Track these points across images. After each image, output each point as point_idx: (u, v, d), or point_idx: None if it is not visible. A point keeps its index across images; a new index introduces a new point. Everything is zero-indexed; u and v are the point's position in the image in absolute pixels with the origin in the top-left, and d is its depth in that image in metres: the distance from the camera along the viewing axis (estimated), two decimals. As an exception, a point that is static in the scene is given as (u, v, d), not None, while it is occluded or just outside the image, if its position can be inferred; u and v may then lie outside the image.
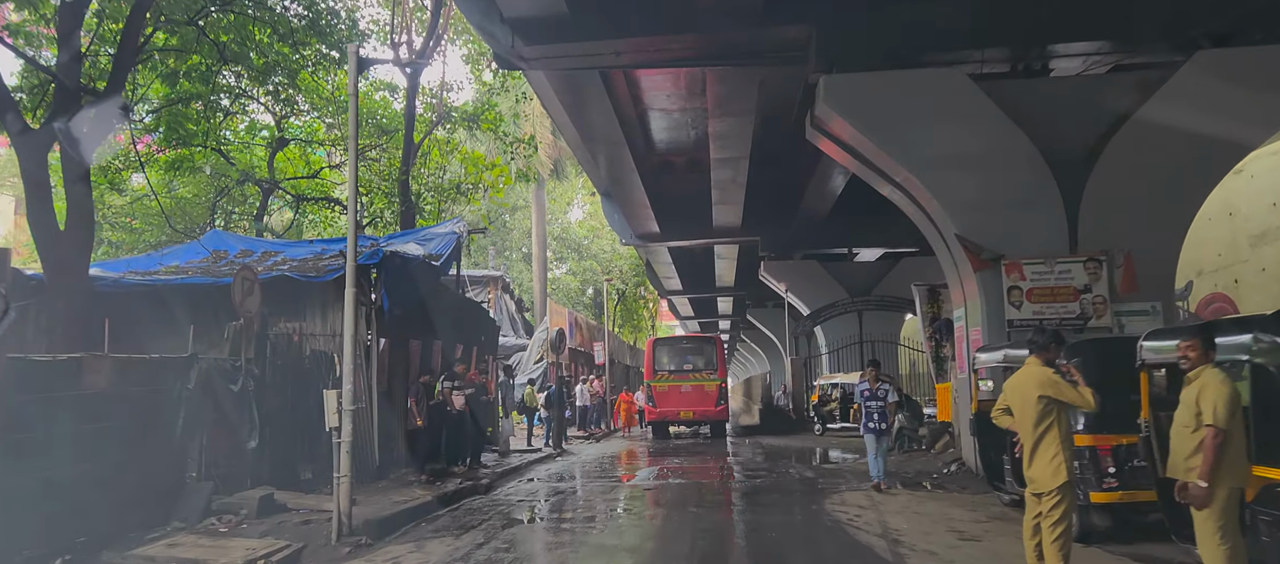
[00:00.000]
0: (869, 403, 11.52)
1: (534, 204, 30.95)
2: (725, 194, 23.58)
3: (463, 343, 16.45)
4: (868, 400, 11.55)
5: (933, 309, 19.22)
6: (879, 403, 11.48)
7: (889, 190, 13.79)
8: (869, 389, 11.67)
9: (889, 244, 27.84)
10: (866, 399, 11.58)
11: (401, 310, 13.08)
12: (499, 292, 29.06)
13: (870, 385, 11.68)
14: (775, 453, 19.10)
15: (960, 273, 12.91)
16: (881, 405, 11.48)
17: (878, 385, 11.64)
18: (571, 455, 18.86)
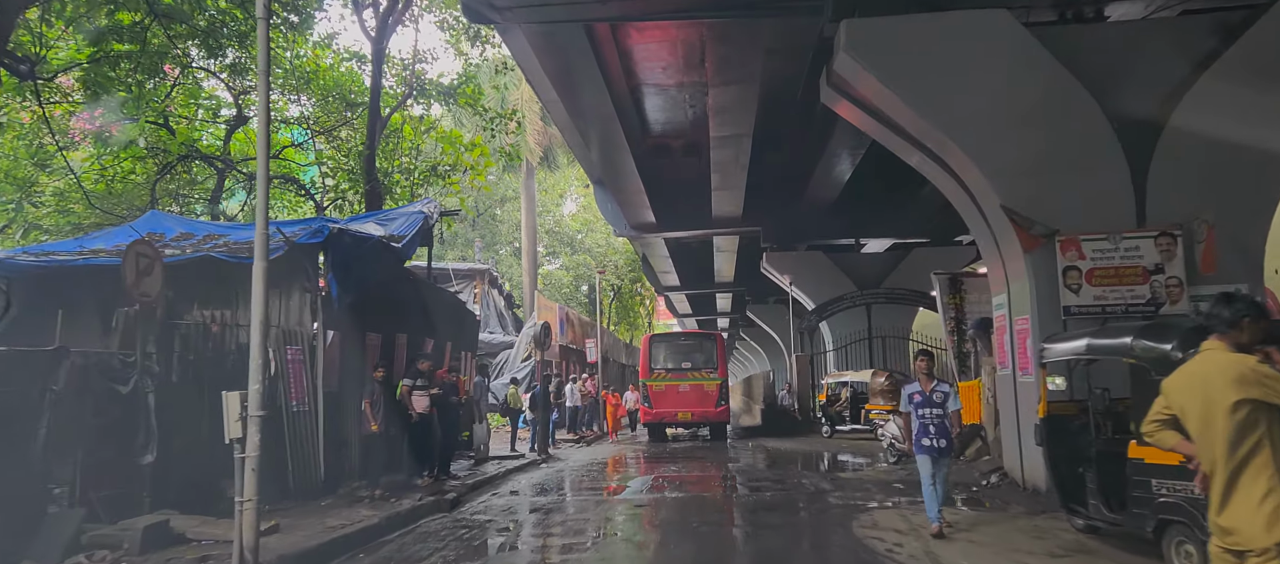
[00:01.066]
0: (923, 411, 7.92)
1: (523, 194, 28.99)
2: (726, 178, 21.59)
3: (434, 337, 14.46)
4: (920, 406, 7.96)
5: (954, 300, 17.24)
6: (937, 411, 7.86)
7: (918, 160, 11.81)
8: (922, 392, 8.01)
9: (899, 235, 25.90)
10: (918, 404, 7.97)
11: (354, 298, 11.11)
12: (486, 286, 27.08)
13: (922, 385, 8.05)
14: (782, 459, 17.12)
15: (1003, 253, 10.93)
16: (941, 414, 7.86)
17: (934, 385, 8.01)
18: (557, 462, 16.86)
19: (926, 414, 7.88)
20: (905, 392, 8.20)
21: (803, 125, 22.39)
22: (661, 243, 29.68)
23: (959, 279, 17.32)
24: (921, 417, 7.91)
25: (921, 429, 7.92)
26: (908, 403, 8.08)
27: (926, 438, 7.88)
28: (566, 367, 27.40)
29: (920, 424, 7.92)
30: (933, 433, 7.85)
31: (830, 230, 26.24)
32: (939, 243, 25.69)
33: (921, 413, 7.92)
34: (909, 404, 8.07)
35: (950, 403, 7.86)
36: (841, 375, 21.65)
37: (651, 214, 24.86)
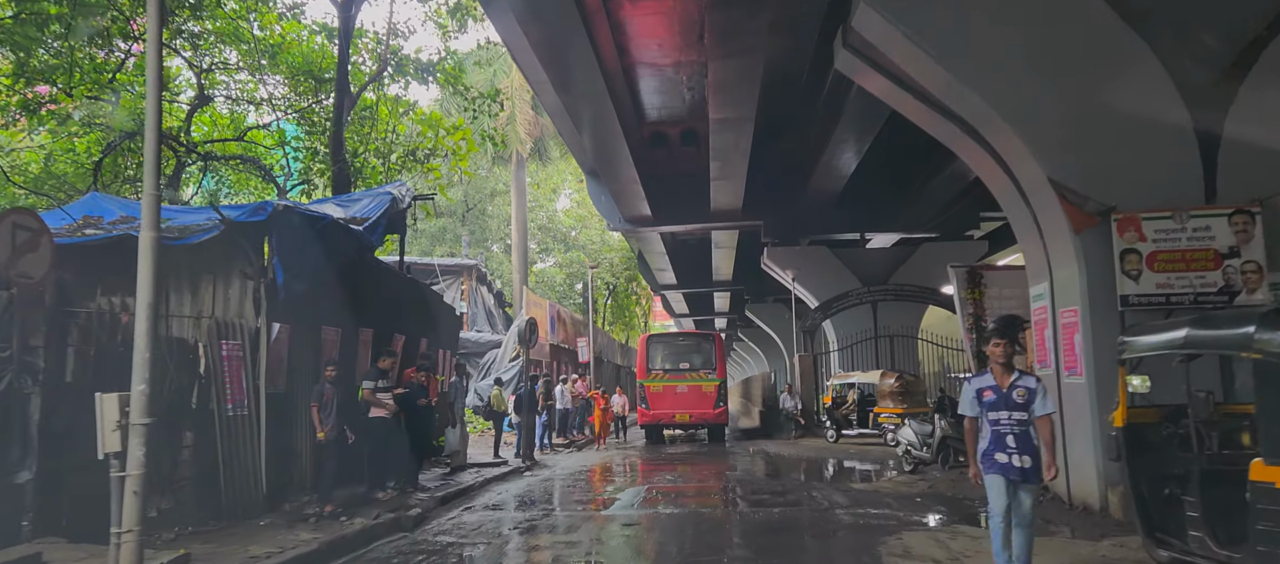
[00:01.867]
0: (998, 414, 5.46)
1: (513, 186, 27.53)
2: (726, 167, 20.11)
3: (407, 333, 12.97)
4: (993, 408, 5.49)
5: (973, 295, 15.76)
6: (1018, 416, 5.39)
7: (947, 132, 10.35)
8: (995, 388, 5.52)
9: (906, 229, 24.48)
10: (991, 405, 5.52)
11: (307, 286, 9.61)
12: (474, 282, 25.57)
13: (997, 379, 5.54)
14: (787, 467, 15.64)
15: (1046, 235, 9.45)
16: (1025, 420, 5.40)
17: (1014, 380, 5.49)
18: (542, 470, 15.36)
19: (1003, 419, 5.38)
20: (971, 387, 5.66)
21: (806, 113, 20.98)
22: (657, 238, 28.20)
23: (978, 272, 15.85)
24: (995, 422, 5.44)
25: (994, 440, 5.42)
26: (973, 403, 5.60)
27: (1001, 453, 5.36)
28: (557, 367, 25.91)
29: (993, 433, 5.45)
30: (1011, 447, 5.33)
31: (834, 224, 24.81)
32: (949, 237, 24.26)
33: (995, 417, 5.44)
34: (976, 404, 5.57)
35: (1039, 403, 5.36)
36: (848, 376, 20.18)
37: (647, 206, 23.39)
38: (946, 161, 21.17)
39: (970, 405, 5.68)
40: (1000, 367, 5.59)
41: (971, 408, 5.68)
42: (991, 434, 5.52)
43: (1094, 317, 8.67)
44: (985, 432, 5.58)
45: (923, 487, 11.35)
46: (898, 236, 24.99)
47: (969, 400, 5.70)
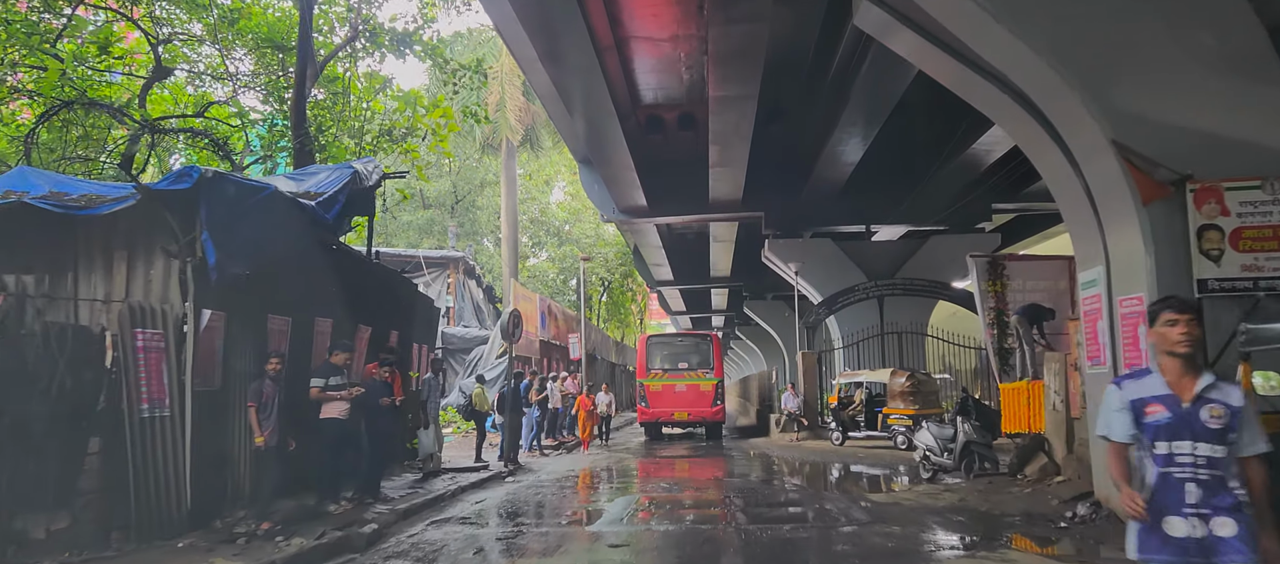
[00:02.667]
0: (1179, 445, 3.09)
1: (503, 176, 26.10)
2: (726, 152, 18.72)
3: (373, 325, 11.55)
4: (1170, 433, 3.11)
5: (994, 287, 14.40)
6: (1212, 451, 3.06)
7: (985, 94, 8.95)
8: (1170, 398, 3.14)
9: (915, 221, 23.11)
10: (1165, 426, 3.12)
11: (245, 269, 8.19)
12: (461, 275, 24.14)
13: (1174, 386, 3.15)
14: (793, 472, 14.25)
15: (1102, 211, 8.06)
16: (1218, 459, 3.06)
17: (1205, 388, 3.11)
18: (525, 475, 13.95)
19: (1184, 455, 3.08)
20: (1121, 395, 3.24)
21: (810, 99, 19.61)
22: (653, 230, 26.82)
23: (1000, 263, 14.47)
24: (1167, 460, 3.11)
25: (1165, 492, 3.10)
26: (1128, 421, 3.21)
27: (1179, 515, 3.07)
28: (548, 364, 24.51)
29: (1163, 480, 3.11)
30: (1198, 504, 3.05)
31: (838, 216, 23.43)
32: (959, 229, 22.86)
33: (1170, 452, 3.11)
34: (1133, 424, 3.20)
35: (1247, 436, 3.08)
36: (856, 375, 18.78)
37: (642, 195, 22.01)
38: (958, 149, 19.85)
39: (1122, 425, 3.22)
40: (1183, 364, 3.15)
41: (1124, 430, 3.22)
42: (1160, 481, 3.12)
43: (1164, 305, 7.27)
44: (1150, 471, 3.16)
45: (950, 499, 9.95)
46: (905, 229, 23.62)
47: (1117, 416, 3.24)
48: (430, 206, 31.87)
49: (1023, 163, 20.75)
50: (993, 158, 20.56)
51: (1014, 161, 20.39)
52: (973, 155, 20.43)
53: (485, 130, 25.06)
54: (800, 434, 20.52)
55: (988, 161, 20.91)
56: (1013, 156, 20.01)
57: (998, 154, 20.23)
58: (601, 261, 37.93)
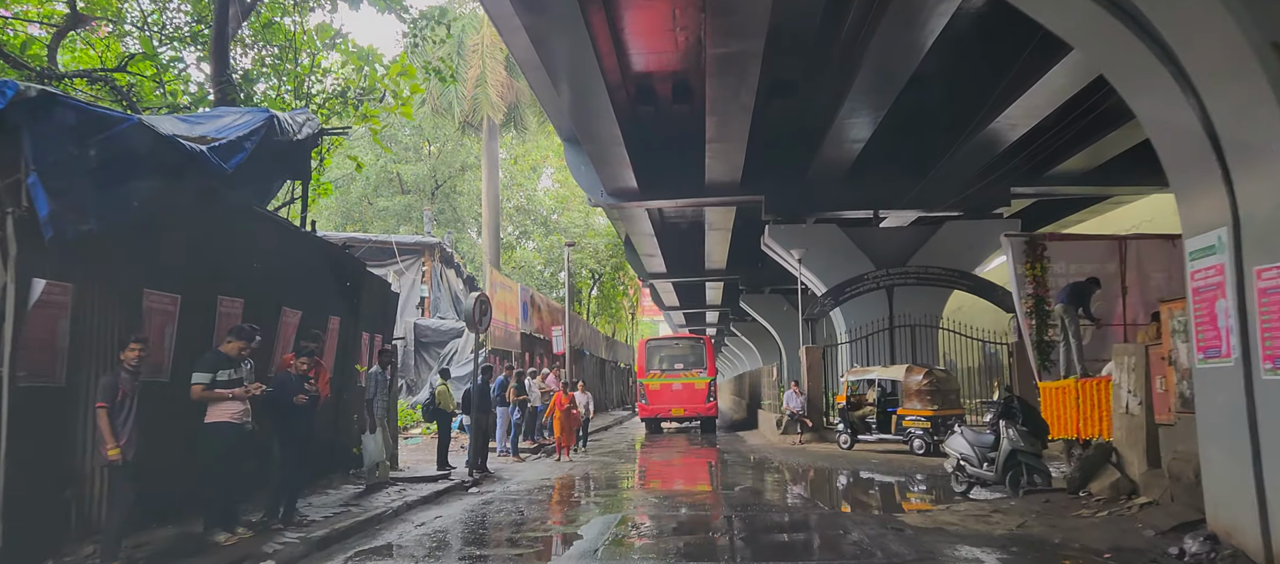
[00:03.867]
0: None
1: (484, 157, 24.01)
2: (724, 125, 16.67)
3: (304, 309, 9.46)
4: None
5: (1033, 271, 12.37)
6: None
7: (1055, 10, 6.88)
8: None
9: (926, 206, 21.09)
10: None
11: (98, 226, 6.10)
12: (437, 263, 22.04)
13: None
14: (801, 483, 12.20)
15: (1232, 155, 6.00)
16: None
17: None
18: (493, 485, 11.89)
19: None
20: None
21: (816, 73, 17.57)
22: (645, 216, 24.75)
23: (1039, 243, 12.43)
24: None
25: None
26: None
27: None
28: (530, 358, 22.45)
29: None
30: None
31: (844, 200, 21.42)
32: (975, 215, 20.86)
33: None
34: None
35: None
36: (867, 371, 16.73)
37: (633, 176, 19.94)
38: (977, 127, 17.86)
39: None
40: None
41: None
42: None
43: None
44: None
45: (1005, 523, 7.90)
46: (916, 215, 21.60)
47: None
48: (409, 192, 29.69)
49: (1047, 142, 18.82)
50: (1014, 136, 18.54)
51: (1037, 140, 18.45)
52: (992, 133, 18.40)
53: (464, 107, 22.98)
54: (804, 436, 18.49)
55: (1008, 141, 18.87)
56: (1036, 135, 18.07)
57: (1020, 132, 18.22)
58: (591, 253, 35.91)
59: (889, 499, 10.74)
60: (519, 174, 34.44)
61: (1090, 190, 20.87)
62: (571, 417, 15.61)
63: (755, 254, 30.63)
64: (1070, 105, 16.47)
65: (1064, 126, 17.66)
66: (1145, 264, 12.24)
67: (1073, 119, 17.16)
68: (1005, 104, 16.36)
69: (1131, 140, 18.58)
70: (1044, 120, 17.37)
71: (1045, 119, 17.30)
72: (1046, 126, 17.82)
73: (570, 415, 15.50)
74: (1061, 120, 17.53)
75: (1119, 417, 8.79)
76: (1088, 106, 16.27)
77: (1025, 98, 15.95)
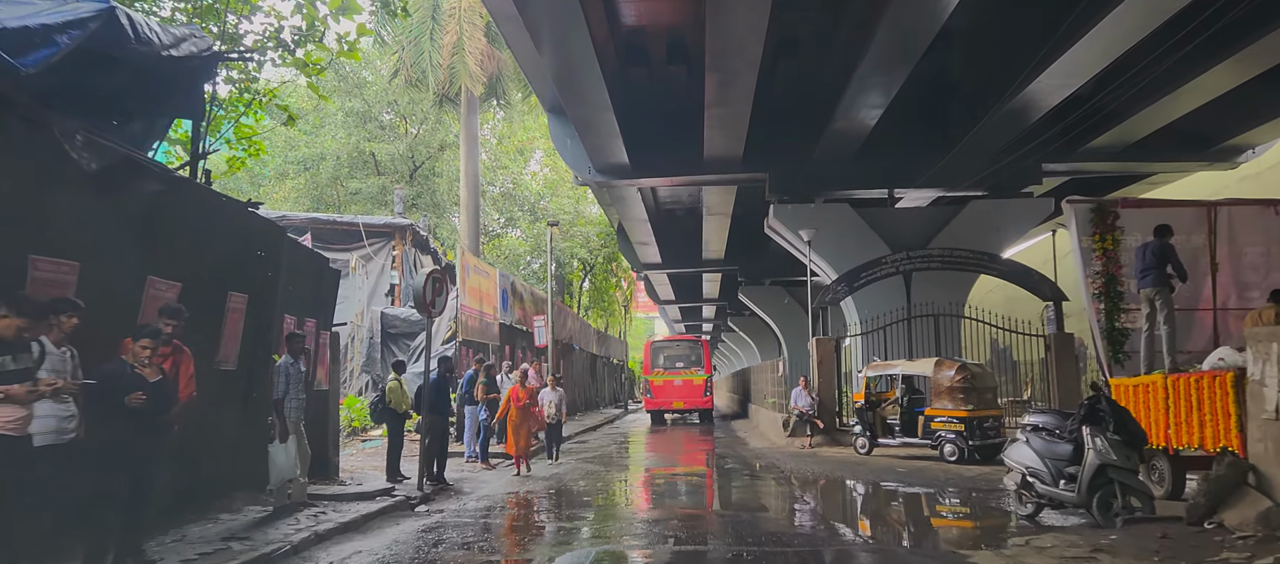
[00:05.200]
0: None
1: (463, 134, 21.62)
2: (726, 86, 14.36)
3: (184, 280, 7.08)
4: None
5: (1103, 244, 10.14)
6: None
7: None
8: None
9: (946, 184, 18.82)
10: None
11: None
12: (408, 247, 19.67)
13: None
14: (821, 501, 9.88)
15: None
16: None
17: None
18: (447, 501, 9.57)
19: None
20: None
21: (827, 28, 15.37)
22: (637, 199, 22.43)
23: (1109, 210, 10.15)
24: None
25: None
26: None
27: None
28: (511, 352, 20.12)
29: None
30: None
31: (857, 178, 19.13)
32: (1001, 194, 18.57)
33: None
34: None
35: None
36: (889, 366, 14.39)
37: (623, 149, 17.61)
38: (1001, 98, 15.60)
39: None
40: None
41: None
42: None
43: None
44: None
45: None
46: (935, 194, 19.29)
47: None
48: (383, 174, 27.29)
49: (1086, 112, 16.57)
50: (1048, 106, 16.20)
51: (1074, 111, 16.18)
52: (1024, 102, 16.04)
53: (440, 77, 20.62)
54: (814, 439, 16.17)
55: (1041, 111, 16.51)
56: (1073, 104, 15.80)
57: (1055, 101, 15.91)
58: (581, 241, 33.54)
59: (936, 523, 8.43)
60: (504, 156, 32.01)
61: (1130, 167, 18.60)
62: (531, 417, 12.23)
63: (755, 243, 28.33)
64: (1113, 71, 14.30)
65: (1107, 95, 15.45)
66: (1239, 236, 9.97)
67: (1117, 86, 14.96)
68: (1040, 69, 14.17)
69: (1179, 110, 16.36)
70: (1082, 88, 15.13)
71: (1083, 87, 15.05)
72: (1084, 96, 15.59)
73: (529, 416, 12.14)
74: (1102, 88, 15.32)
75: (1260, 423, 6.48)
76: (1135, 71, 14.08)
77: (1063, 61, 13.74)
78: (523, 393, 12.20)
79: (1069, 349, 15.86)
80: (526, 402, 12.17)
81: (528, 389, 12.24)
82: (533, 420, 12.27)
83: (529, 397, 12.28)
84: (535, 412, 12.36)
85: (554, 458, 13.97)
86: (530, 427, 12.20)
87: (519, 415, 11.99)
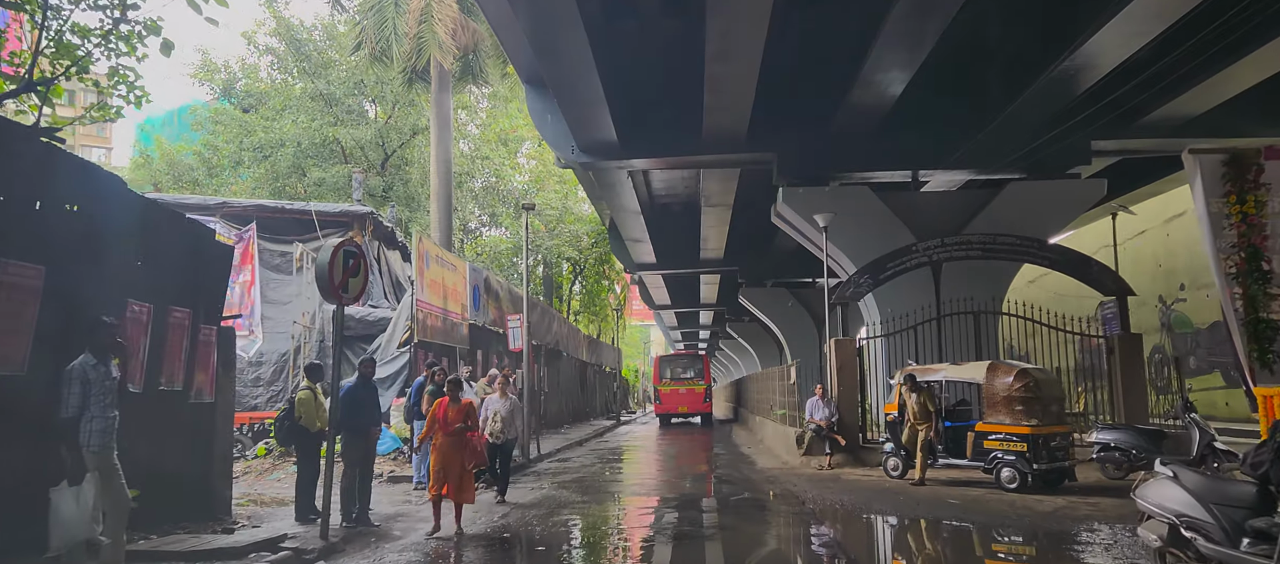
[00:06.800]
0: None
1: (433, 115, 18.85)
2: (731, 32, 11.71)
3: None
4: None
5: (1240, 206, 7.46)
6: None
7: None
8: None
9: (981, 166, 16.20)
10: None
11: None
12: (369, 239, 16.93)
13: None
14: (856, 539, 7.16)
15: None
16: None
17: None
18: (361, 555, 6.82)
19: None
20: None
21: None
22: (629, 187, 19.72)
23: (1249, 162, 7.47)
24: None
25: None
26: None
27: None
28: (485, 358, 17.38)
29: None
30: None
31: (877, 159, 16.49)
32: (1044, 175, 15.90)
33: None
34: None
35: None
36: (930, 371, 11.62)
37: (610, 122, 14.93)
38: (1044, 65, 13.01)
39: None
40: None
41: None
42: None
43: None
44: None
45: None
46: (967, 175, 16.64)
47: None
48: (351, 162, 24.50)
49: (1143, 82, 13.99)
50: (1097, 76, 13.57)
51: (1128, 81, 13.57)
52: (1071, 71, 13.38)
53: (406, 48, 17.95)
54: (834, 458, 13.43)
55: (1089, 81, 13.85)
56: (1127, 73, 13.21)
57: (1106, 69, 13.29)
58: (569, 239, 30.81)
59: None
60: (486, 146, 29.24)
61: (1196, 145, 15.90)
62: (465, 447, 7.83)
63: (757, 241, 25.70)
64: (1178, 35, 11.82)
65: (1182, 54, 12.88)
66: None
67: (1187, 49, 12.41)
68: (1097, 24, 11.60)
69: (1256, 76, 13.76)
70: (1140, 52, 12.53)
71: (1141, 51, 12.45)
72: (1143, 62, 12.99)
73: (463, 446, 7.78)
74: (1164, 53, 12.74)
75: None
76: (1212, 31, 11.56)
77: (1119, 20, 11.18)
78: (453, 411, 7.89)
79: (1136, 353, 13.18)
80: (459, 424, 7.86)
81: (461, 405, 8.00)
82: (468, 451, 7.83)
83: (460, 417, 7.91)
84: (473, 439, 7.97)
85: (500, 496, 9.92)
86: (465, 460, 7.80)
87: (447, 445, 7.76)
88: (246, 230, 16.33)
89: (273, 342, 15.95)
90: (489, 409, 9.66)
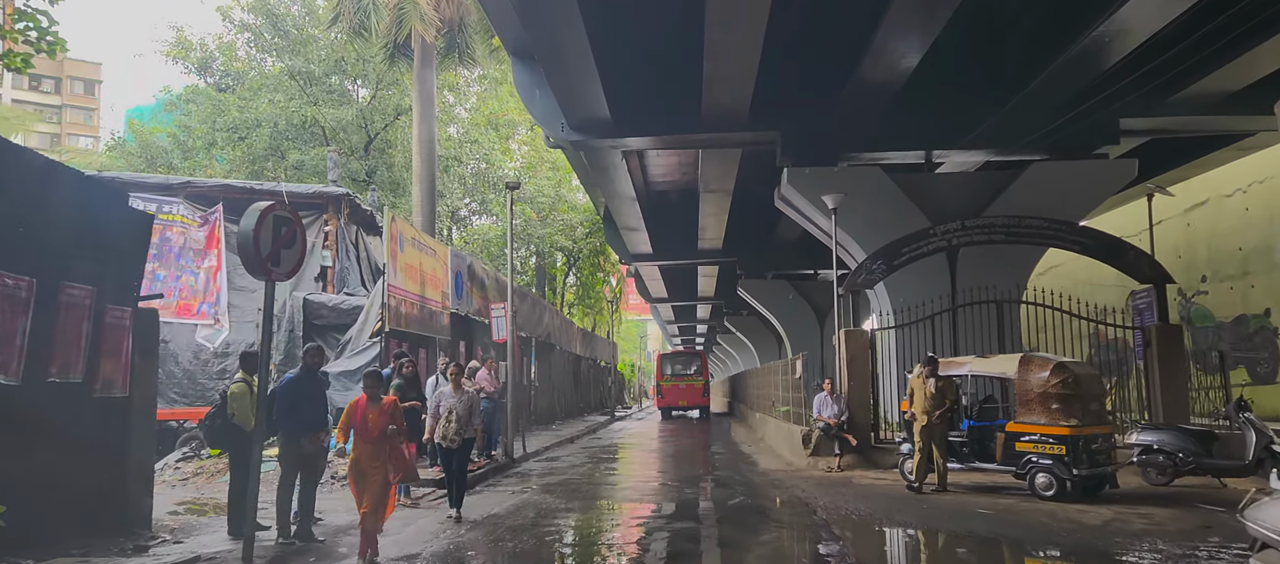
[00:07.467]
0: None
1: (415, 93, 17.54)
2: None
3: None
4: None
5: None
6: None
7: None
8: None
9: (1000, 145, 15.01)
10: None
11: None
12: (344, 223, 15.66)
13: None
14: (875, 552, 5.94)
15: None
16: None
17: None
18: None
19: None
20: None
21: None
22: (624, 173, 18.48)
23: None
24: None
25: None
26: None
27: None
28: (467, 349, 16.13)
29: None
30: None
31: (888, 139, 15.31)
32: (1068, 155, 14.67)
33: None
34: None
35: None
36: (955, 364, 10.36)
37: (603, 97, 13.70)
38: (1072, 36, 11.79)
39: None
40: None
41: None
42: None
43: None
44: None
45: None
46: (985, 156, 15.42)
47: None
48: (332, 144, 23.16)
49: (1177, 54, 12.77)
50: (1128, 47, 12.32)
51: (1161, 54, 12.37)
52: (1102, 41, 12.13)
53: (386, 21, 16.69)
54: (845, 459, 12.19)
55: (1119, 53, 12.59)
56: (1160, 45, 12.01)
57: (1138, 41, 12.04)
58: (562, 228, 29.55)
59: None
60: (475, 130, 27.90)
61: (1233, 123, 14.71)
62: (395, 457, 6.19)
63: (758, 230, 24.46)
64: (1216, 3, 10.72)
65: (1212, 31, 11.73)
66: None
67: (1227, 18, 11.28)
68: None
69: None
70: (1177, 20, 11.34)
71: (1178, 18, 11.25)
72: (1175, 35, 11.80)
73: (392, 453, 6.14)
74: (1201, 23, 11.56)
75: None
76: None
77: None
78: (372, 413, 6.17)
79: (1177, 345, 11.97)
80: (384, 426, 6.14)
81: (383, 404, 6.25)
82: (395, 462, 6.13)
83: (383, 420, 6.16)
84: (398, 452, 6.20)
85: (454, 509, 8.15)
86: (389, 473, 6.13)
87: (363, 453, 6.13)
88: (212, 212, 15.04)
89: (240, 331, 14.65)
90: (442, 406, 8.25)
